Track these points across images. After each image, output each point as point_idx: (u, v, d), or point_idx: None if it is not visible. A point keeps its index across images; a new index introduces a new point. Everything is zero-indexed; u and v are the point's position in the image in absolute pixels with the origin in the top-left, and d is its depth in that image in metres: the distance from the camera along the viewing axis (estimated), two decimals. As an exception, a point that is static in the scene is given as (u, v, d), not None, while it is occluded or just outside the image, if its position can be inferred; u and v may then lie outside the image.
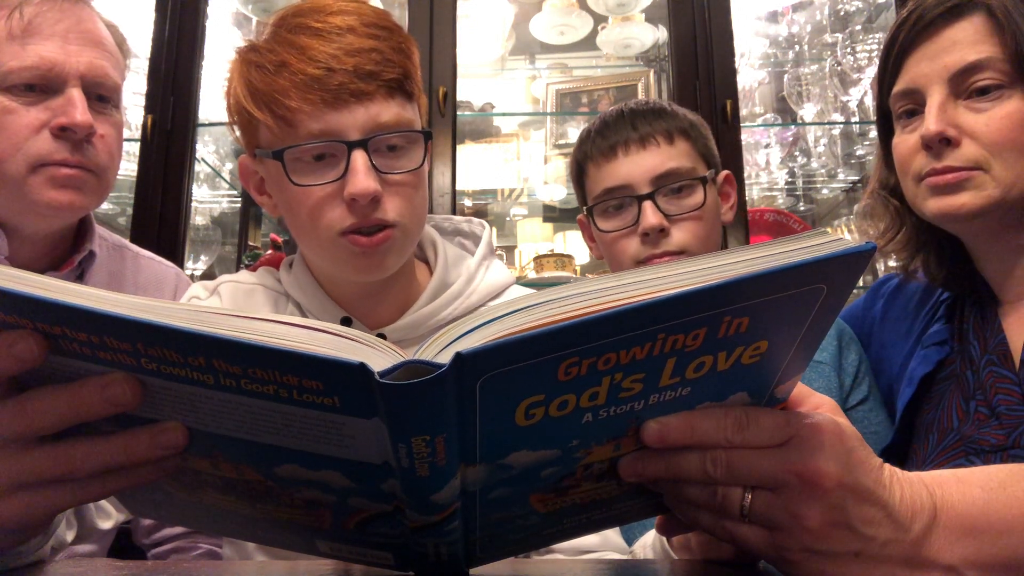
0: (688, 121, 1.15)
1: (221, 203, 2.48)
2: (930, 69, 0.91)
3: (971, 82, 0.88)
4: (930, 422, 0.96)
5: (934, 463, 0.91)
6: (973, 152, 0.88)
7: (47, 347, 0.40)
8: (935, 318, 1.01)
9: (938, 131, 0.88)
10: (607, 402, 0.43)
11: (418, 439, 0.40)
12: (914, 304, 1.07)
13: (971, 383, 0.93)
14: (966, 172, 0.88)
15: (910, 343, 1.04)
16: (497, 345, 0.37)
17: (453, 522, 0.47)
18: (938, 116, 0.89)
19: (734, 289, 0.39)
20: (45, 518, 0.49)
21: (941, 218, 0.91)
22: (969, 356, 0.95)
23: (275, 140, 0.83)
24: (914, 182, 0.93)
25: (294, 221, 0.87)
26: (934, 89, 0.90)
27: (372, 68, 0.81)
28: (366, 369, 0.37)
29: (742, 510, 0.46)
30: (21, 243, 1.08)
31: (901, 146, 0.95)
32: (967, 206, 0.88)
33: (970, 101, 0.89)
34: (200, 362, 0.39)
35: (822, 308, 0.43)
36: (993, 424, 0.88)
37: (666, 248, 1.10)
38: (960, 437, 0.91)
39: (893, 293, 1.12)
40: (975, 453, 0.87)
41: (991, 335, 0.93)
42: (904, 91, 0.94)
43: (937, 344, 0.98)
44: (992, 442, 0.87)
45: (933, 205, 0.91)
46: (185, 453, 0.45)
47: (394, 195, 0.83)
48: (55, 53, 1.02)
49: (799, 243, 0.41)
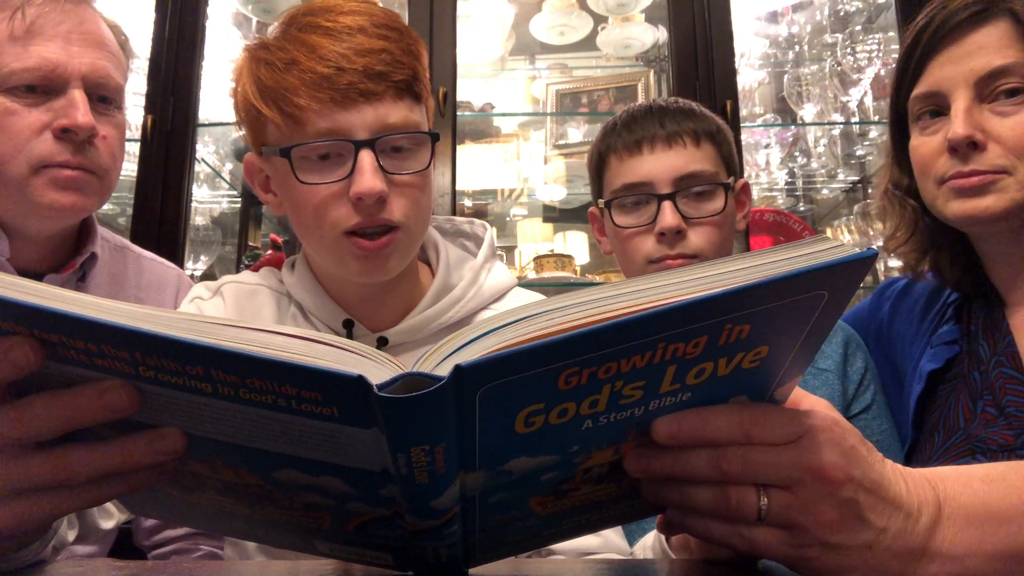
0: (715, 125, 1.14)
1: (221, 203, 2.48)
2: (955, 73, 0.91)
3: (997, 86, 0.89)
4: (936, 420, 0.96)
5: (939, 461, 0.92)
6: (999, 156, 0.88)
7: (44, 354, 0.40)
8: (944, 319, 1.01)
9: (967, 135, 0.88)
10: (607, 409, 0.43)
11: (417, 449, 0.40)
12: (921, 306, 1.07)
13: (979, 383, 0.93)
14: (991, 175, 0.88)
15: (920, 345, 1.04)
16: (497, 357, 0.37)
17: (452, 526, 0.47)
18: (965, 120, 0.89)
19: (736, 298, 0.39)
20: (43, 523, 0.49)
21: (964, 220, 0.92)
22: (977, 356, 0.95)
23: (282, 138, 0.83)
24: (935, 184, 0.93)
25: (298, 220, 0.87)
26: (959, 93, 0.90)
27: (382, 69, 0.81)
28: (364, 382, 0.37)
29: (759, 512, 0.46)
30: (23, 245, 1.08)
31: (922, 148, 0.95)
32: (991, 209, 0.89)
33: (995, 105, 0.89)
34: (198, 371, 0.39)
35: (823, 313, 0.43)
36: (1001, 424, 0.88)
37: (681, 251, 1.08)
38: (966, 436, 0.91)
39: (899, 296, 1.12)
40: (982, 452, 0.88)
41: (999, 337, 0.94)
42: (926, 94, 0.94)
43: (947, 343, 0.98)
44: (1000, 442, 0.87)
45: (956, 207, 0.91)
46: (183, 458, 0.45)
47: (400, 196, 0.83)
48: (57, 54, 1.02)
49: (800, 250, 0.41)
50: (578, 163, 2.39)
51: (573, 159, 2.43)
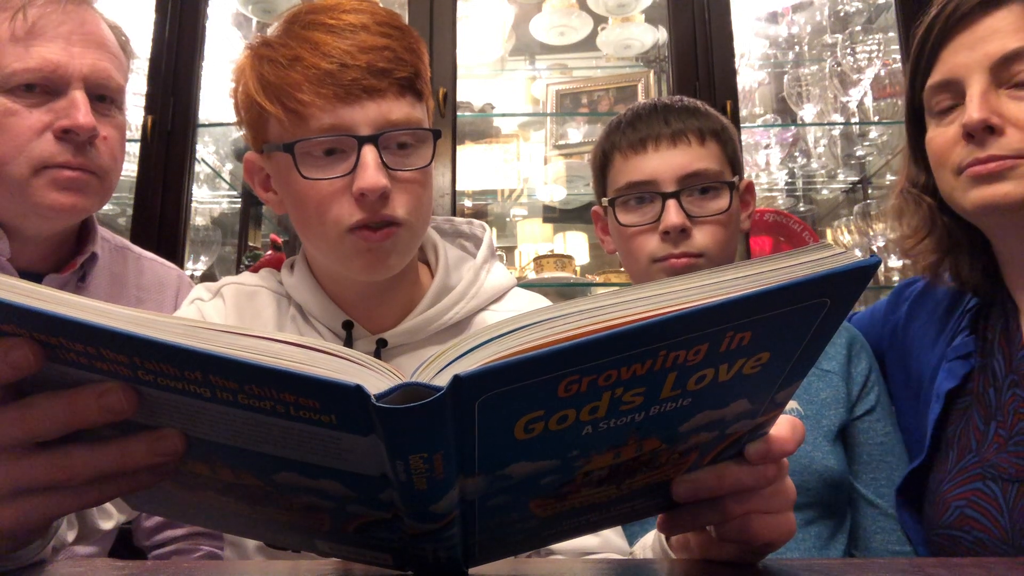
0: (720, 124, 1.13)
1: (221, 204, 2.48)
2: (969, 59, 0.88)
3: (1014, 71, 0.86)
4: (951, 437, 0.94)
5: (955, 480, 0.90)
6: (1017, 141, 0.85)
7: (44, 355, 0.40)
8: (960, 328, 0.99)
9: (982, 118, 0.85)
10: (607, 415, 0.43)
11: (415, 456, 0.40)
12: (943, 310, 1.05)
13: (992, 403, 0.91)
14: (1011, 160, 0.85)
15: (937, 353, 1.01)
16: (496, 367, 0.37)
17: (452, 529, 0.47)
18: (981, 104, 0.86)
19: (737, 307, 0.39)
20: (44, 523, 0.49)
21: (982, 209, 0.89)
22: (992, 372, 0.93)
23: (285, 134, 0.83)
24: (953, 175, 0.91)
25: (300, 217, 0.86)
26: (975, 79, 0.88)
27: (384, 66, 0.81)
28: (363, 392, 0.37)
29: None
30: (23, 245, 1.08)
31: (938, 139, 0.93)
32: (1011, 195, 0.86)
33: (1012, 90, 0.87)
34: (196, 376, 0.39)
35: (825, 320, 0.43)
36: (1010, 450, 0.86)
37: (686, 249, 1.08)
38: (979, 459, 0.89)
39: (919, 297, 1.09)
40: (992, 479, 0.86)
41: (1015, 349, 0.91)
42: (941, 83, 0.92)
43: (961, 357, 0.96)
44: (1011, 471, 0.85)
45: (975, 195, 0.88)
46: (183, 459, 0.45)
47: (402, 192, 0.83)
48: (58, 55, 1.02)
49: (803, 257, 0.40)
50: (578, 163, 2.39)
51: (573, 159, 2.43)
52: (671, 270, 1.09)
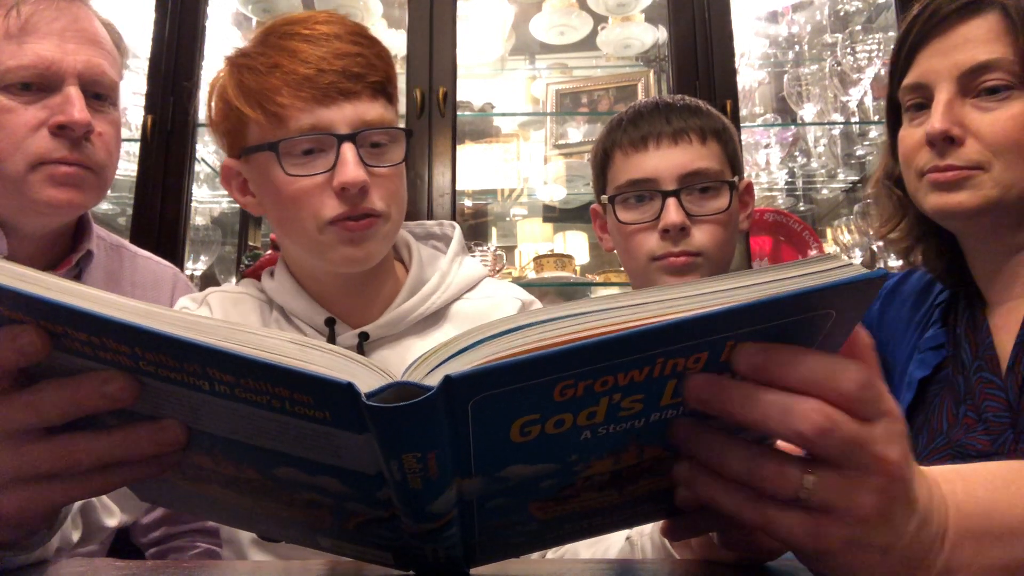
0: (721, 123, 1.14)
1: (221, 203, 2.48)
2: (940, 65, 0.90)
3: (980, 81, 0.88)
4: (921, 423, 0.96)
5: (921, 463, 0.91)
6: (976, 152, 0.88)
7: (51, 342, 0.41)
8: (931, 322, 1.02)
9: (943, 129, 0.88)
10: (606, 420, 0.42)
11: (408, 456, 0.39)
12: (909, 306, 1.07)
13: (961, 388, 0.93)
14: (967, 171, 0.88)
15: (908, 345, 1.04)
16: (487, 369, 0.37)
17: (450, 529, 0.47)
18: (944, 114, 0.88)
19: (737, 316, 0.38)
20: (46, 512, 0.50)
21: (939, 214, 0.92)
22: (961, 361, 0.95)
23: (265, 137, 0.87)
24: (916, 176, 0.93)
25: (281, 215, 0.91)
26: (943, 86, 0.90)
27: (358, 70, 0.87)
28: (354, 390, 0.37)
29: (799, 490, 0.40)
30: (20, 241, 1.08)
31: (907, 139, 0.95)
32: (964, 204, 0.89)
33: (977, 100, 0.89)
34: (195, 368, 0.39)
35: (831, 332, 0.42)
36: (980, 430, 0.88)
37: (685, 248, 1.08)
38: (948, 441, 0.91)
39: (888, 295, 1.12)
40: (961, 457, 0.87)
41: (980, 338, 0.93)
42: (913, 85, 0.94)
43: (933, 348, 0.98)
44: (978, 447, 0.87)
45: (933, 201, 0.91)
46: (186, 450, 0.45)
47: (380, 186, 0.89)
48: (52, 51, 1.02)
49: (807, 268, 0.39)
50: (578, 163, 2.39)
51: (573, 159, 2.43)
52: (670, 268, 1.09)
